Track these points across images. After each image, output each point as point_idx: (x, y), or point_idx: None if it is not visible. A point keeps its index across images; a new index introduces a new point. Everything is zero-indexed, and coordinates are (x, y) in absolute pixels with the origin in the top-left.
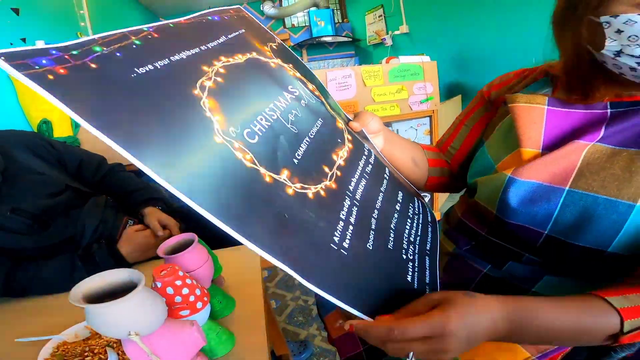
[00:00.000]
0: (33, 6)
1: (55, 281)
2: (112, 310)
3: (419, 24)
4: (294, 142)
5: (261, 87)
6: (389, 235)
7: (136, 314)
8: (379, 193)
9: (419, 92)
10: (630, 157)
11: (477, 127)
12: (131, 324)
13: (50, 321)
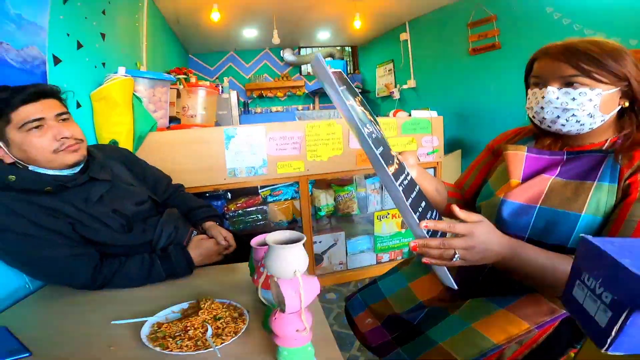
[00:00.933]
0: (113, 34)
1: (135, 276)
2: (290, 252)
3: (426, 80)
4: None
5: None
6: None
7: (300, 258)
8: (409, 197)
9: (427, 144)
10: (576, 186)
11: (484, 170)
12: (297, 264)
13: (133, 310)
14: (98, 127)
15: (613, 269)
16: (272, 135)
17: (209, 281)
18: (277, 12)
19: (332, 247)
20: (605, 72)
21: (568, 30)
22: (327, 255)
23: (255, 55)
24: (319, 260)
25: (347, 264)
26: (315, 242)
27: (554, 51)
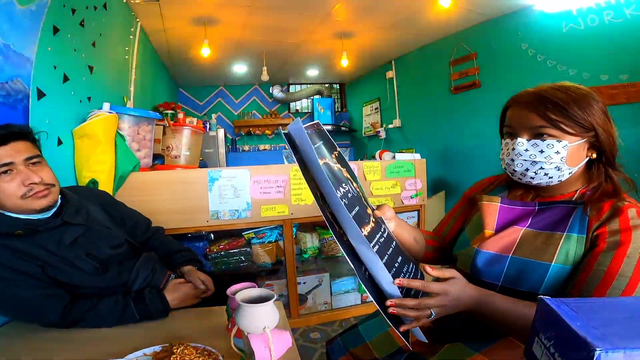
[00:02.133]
0: (101, 68)
1: (107, 316)
2: (259, 310)
3: (411, 119)
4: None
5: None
6: None
7: (270, 315)
8: (385, 255)
9: (410, 187)
10: (547, 236)
11: (460, 218)
12: (266, 321)
13: (103, 350)
14: (79, 166)
15: (564, 331)
16: (257, 179)
17: (185, 324)
18: (267, 48)
19: (316, 288)
20: (572, 123)
21: (543, 66)
22: (311, 295)
23: (244, 91)
24: (303, 301)
25: (331, 304)
26: (300, 282)
27: (524, 100)
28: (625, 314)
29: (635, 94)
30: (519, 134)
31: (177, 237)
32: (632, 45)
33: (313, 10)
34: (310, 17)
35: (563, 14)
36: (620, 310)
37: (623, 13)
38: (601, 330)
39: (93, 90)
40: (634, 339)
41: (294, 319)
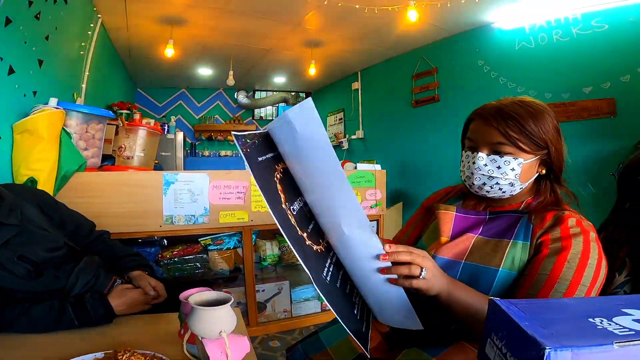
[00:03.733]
0: (52, 62)
1: (42, 321)
2: (216, 313)
3: (373, 131)
4: (307, 223)
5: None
6: (346, 285)
7: (227, 318)
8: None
9: (370, 197)
10: (495, 243)
11: (419, 226)
12: (223, 325)
13: (38, 355)
14: (17, 163)
15: (514, 331)
16: (216, 184)
17: (134, 330)
18: (234, 53)
19: (276, 296)
20: (528, 141)
21: (496, 83)
22: (270, 303)
23: (208, 94)
24: (262, 309)
25: (291, 312)
26: (259, 290)
27: (486, 114)
28: (567, 314)
29: (574, 112)
30: (479, 148)
31: (126, 242)
32: (575, 64)
33: (286, 17)
34: (282, 24)
35: (517, 32)
36: (563, 311)
37: (570, 32)
38: (548, 330)
39: (40, 85)
40: (580, 338)
41: (252, 327)
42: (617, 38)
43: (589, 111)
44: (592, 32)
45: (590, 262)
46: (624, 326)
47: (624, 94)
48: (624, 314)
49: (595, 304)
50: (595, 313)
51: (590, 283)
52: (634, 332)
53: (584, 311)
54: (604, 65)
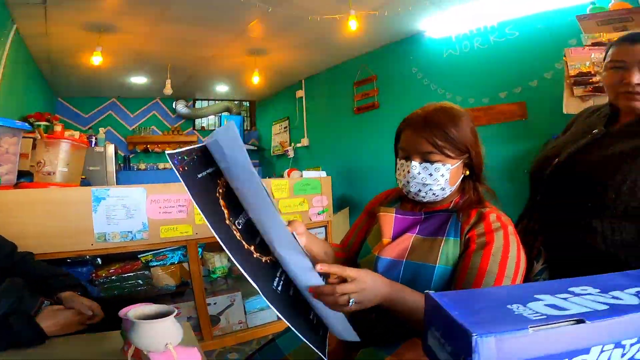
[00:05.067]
0: None
1: None
2: (159, 325)
3: (318, 138)
4: (254, 237)
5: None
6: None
7: (171, 330)
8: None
9: (317, 204)
10: (431, 241)
11: (363, 230)
12: (168, 337)
13: None
14: None
15: (447, 321)
16: (155, 198)
17: (73, 350)
18: (172, 61)
19: (229, 308)
20: (453, 147)
21: (428, 90)
22: (224, 315)
23: (142, 104)
24: (215, 322)
25: (247, 323)
26: (210, 303)
27: (414, 124)
28: (489, 302)
29: (493, 116)
30: (412, 157)
31: (53, 262)
32: (492, 71)
33: (228, 25)
34: (224, 32)
35: (445, 40)
36: (486, 299)
37: (488, 40)
38: (475, 318)
39: None
40: (501, 324)
41: (207, 341)
42: (526, 45)
43: (505, 114)
44: (506, 40)
45: (511, 255)
46: (537, 311)
47: (533, 98)
48: (536, 300)
49: (513, 292)
50: (513, 300)
51: (513, 274)
52: (546, 317)
53: (503, 298)
54: (515, 71)
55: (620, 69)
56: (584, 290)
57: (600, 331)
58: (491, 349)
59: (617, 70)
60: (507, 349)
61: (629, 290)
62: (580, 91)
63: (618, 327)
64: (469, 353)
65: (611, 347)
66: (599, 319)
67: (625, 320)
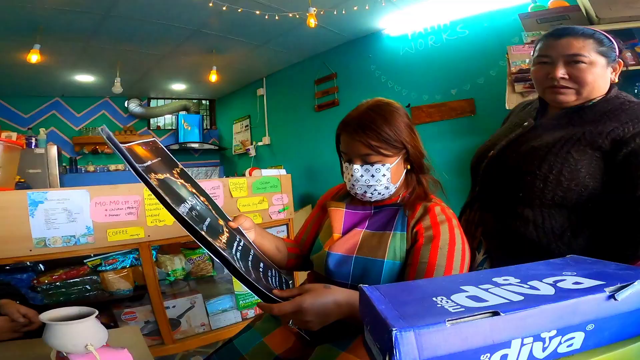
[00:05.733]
0: None
1: None
2: (76, 327)
3: (279, 137)
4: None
5: (174, 194)
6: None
7: (91, 331)
8: (247, 262)
9: (277, 202)
10: (379, 236)
11: (316, 224)
12: (88, 338)
13: None
14: None
15: (375, 315)
16: (100, 200)
17: (5, 355)
18: (123, 58)
19: (189, 310)
20: (388, 146)
21: (385, 87)
22: (184, 318)
23: (90, 103)
24: (175, 325)
25: (210, 325)
26: (169, 307)
27: (350, 128)
28: (418, 294)
29: (445, 112)
30: (353, 161)
31: None
32: (444, 68)
33: (183, 22)
34: (180, 29)
35: (402, 38)
36: (415, 292)
37: (441, 38)
38: (399, 311)
39: None
40: (421, 317)
41: (168, 344)
42: (475, 43)
43: (455, 111)
44: (457, 38)
45: (457, 248)
46: (458, 303)
47: (480, 94)
48: (460, 291)
49: (442, 283)
50: (439, 292)
51: (459, 267)
52: (464, 309)
53: (431, 291)
54: (465, 69)
55: (546, 64)
56: (506, 281)
57: (515, 323)
58: (411, 343)
59: (544, 65)
60: (427, 344)
61: (547, 279)
62: (521, 87)
63: (532, 319)
64: (391, 349)
65: (530, 341)
66: (512, 310)
67: (538, 312)
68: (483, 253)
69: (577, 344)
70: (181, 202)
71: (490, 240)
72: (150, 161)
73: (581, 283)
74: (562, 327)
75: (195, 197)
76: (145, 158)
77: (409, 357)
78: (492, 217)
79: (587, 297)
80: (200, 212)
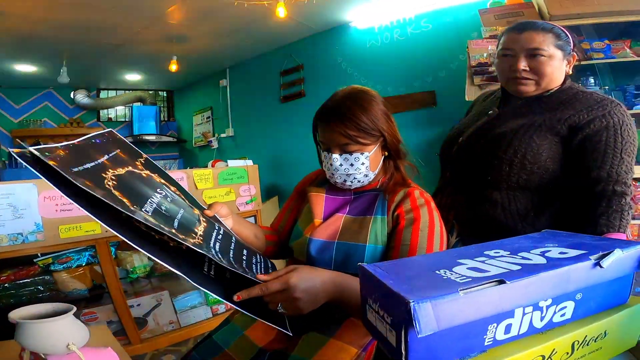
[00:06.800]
0: None
1: None
2: (56, 324)
3: (243, 128)
4: (169, 221)
5: (139, 190)
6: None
7: (72, 329)
8: (229, 250)
9: (245, 193)
10: (360, 221)
11: (294, 211)
12: (69, 337)
13: None
14: None
15: (383, 291)
16: (49, 194)
17: None
18: (70, 46)
19: (156, 308)
20: (366, 134)
21: (351, 80)
22: (151, 316)
23: (31, 95)
24: (142, 324)
25: (179, 322)
26: (133, 305)
27: (326, 118)
28: (418, 269)
29: (408, 104)
30: (332, 150)
31: None
32: (408, 61)
33: (142, 10)
34: (138, 18)
35: (368, 32)
36: (415, 267)
37: (406, 31)
38: (408, 285)
39: None
40: (433, 289)
41: (135, 344)
42: (438, 37)
43: (418, 102)
44: (421, 32)
45: (436, 229)
46: (462, 274)
47: (441, 87)
48: (459, 264)
49: (437, 258)
50: (439, 266)
51: (439, 248)
52: (471, 279)
53: (430, 265)
54: (428, 62)
55: (509, 57)
56: (497, 253)
57: (520, 291)
58: (429, 314)
59: (507, 57)
60: (443, 314)
61: (534, 251)
62: (479, 80)
63: (533, 287)
64: (409, 320)
65: (530, 310)
66: (516, 278)
67: (538, 280)
68: (456, 236)
69: (568, 313)
70: (145, 200)
71: (462, 223)
72: (102, 158)
73: (566, 252)
74: (557, 296)
75: (165, 188)
76: (93, 156)
77: (428, 328)
78: (463, 201)
79: (577, 265)
80: (171, 205)
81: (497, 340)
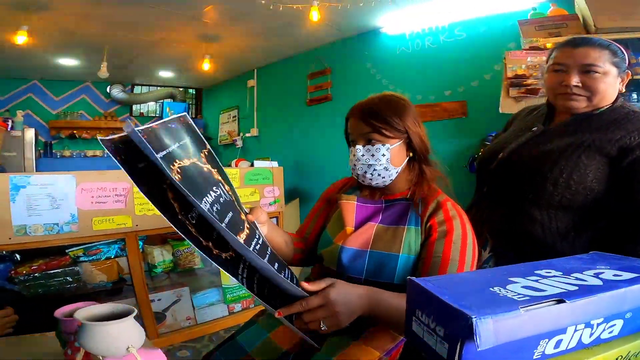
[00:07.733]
0: None
1: None
2: (119, 327)
3: (268, 129)
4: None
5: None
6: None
7: (133, 332)
8: (263, 262)
9: (269, 195)
10: (393, 230)
11: (321, 218)
12: (130, 339)
13: None
14: None
15: (438, 305)
16: (86, 186)
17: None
18: (111, 43)
19: (175, 303)
20: (390, 127)
21: (379, 85)
22: (170, 312)
23: (70, 87)
24: (161, 319)
25: (196, 319)
26: (154, 300)
27: (357, 111)
28: (470, 286)
29: (437, 113)
30: (357, 142)
31: None
32: (440, 69)
33: (182, 9)
34: (177, 16)
35: (399, 37)
36: (466, 284)
37: (438, 39)
38: (466, 301)
39: None
40: (491, 306)
41: (153, 339)
42: (471, 46)
43: (448, 112)
44: (454, 40)
45: (469, 242)
46: (518, 292)
47: (473, 97)
48: (511, 282)
49: (487, 276)
50: (492, 283)
51: (471, 261)
52: (529, 297)
53: (482, 282)
54: (460, 71)
55: (560, 72)
56: (549, 273)
57: (577, 310)
58: (489, 329)
59: (558, 72)
60: (503, 330)
61: (587, 272)
62: (515, 92)
63: (590, 306)
64: (468, 335)
65: (582, 327)
66: (575, 298)
67: (596, 300)
68: (489, 251)
69: (616, 330)
70: (203, 196)
71: (497, 238)
72: (173, 145)
73: (620, 275)
74: (609, 315)
75: (220, 187)
76: (168, 142)
77: (488, 343)
78: (500, 216)
79: (633, 287)
80: (223, 206)
81: (545, 355)
